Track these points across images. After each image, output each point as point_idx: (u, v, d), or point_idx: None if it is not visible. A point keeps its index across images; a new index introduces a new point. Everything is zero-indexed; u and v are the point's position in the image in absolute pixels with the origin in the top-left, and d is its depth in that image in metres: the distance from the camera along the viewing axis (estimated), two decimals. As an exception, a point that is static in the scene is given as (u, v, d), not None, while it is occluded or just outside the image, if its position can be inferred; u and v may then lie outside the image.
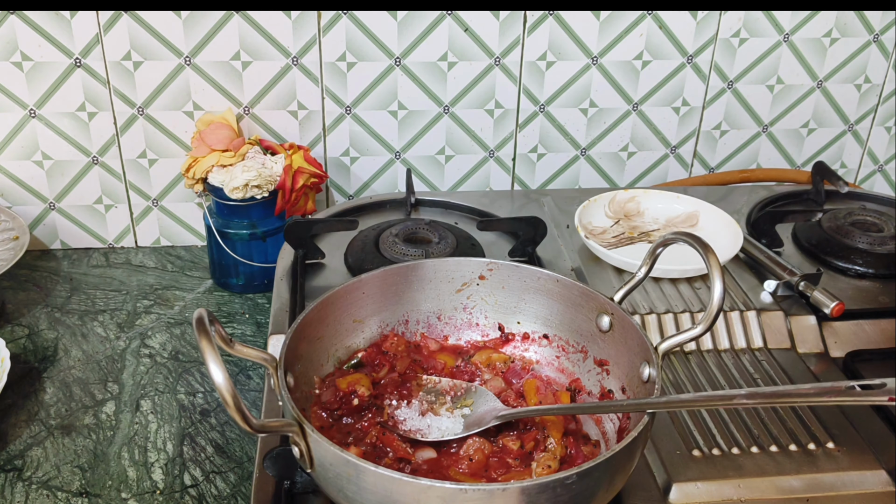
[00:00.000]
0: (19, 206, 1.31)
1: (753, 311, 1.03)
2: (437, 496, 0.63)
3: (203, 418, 1.01)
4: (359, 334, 0.90)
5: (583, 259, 1.15)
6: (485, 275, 0.92)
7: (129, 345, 1.14)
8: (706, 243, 0.75)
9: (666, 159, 1.44)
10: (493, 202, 1.30)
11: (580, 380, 0.88)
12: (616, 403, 0.79)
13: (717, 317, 0.72)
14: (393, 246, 1.11)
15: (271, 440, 0.84)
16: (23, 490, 0.90)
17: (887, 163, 1.52)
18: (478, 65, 1.31)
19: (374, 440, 0.78)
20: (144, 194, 1.33)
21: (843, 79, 1.41)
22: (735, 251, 1.11)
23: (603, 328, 0.85)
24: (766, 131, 1.44)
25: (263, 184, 1.19)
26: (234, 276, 1.26)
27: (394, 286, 0.91)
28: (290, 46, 1.26)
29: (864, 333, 1.04)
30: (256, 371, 1.10)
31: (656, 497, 0.80)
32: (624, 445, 0.66)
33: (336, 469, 0.67)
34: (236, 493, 0.91)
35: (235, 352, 0.71)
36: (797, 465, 0.83)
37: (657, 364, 0.75)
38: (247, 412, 0.62)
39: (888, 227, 1.21)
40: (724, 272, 0.73)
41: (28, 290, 1.25)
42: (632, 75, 1.35)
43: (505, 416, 0.79)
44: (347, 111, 1.32)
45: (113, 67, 1.23)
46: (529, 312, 0.92)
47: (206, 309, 0.65)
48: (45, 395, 1.04)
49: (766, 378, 0.96)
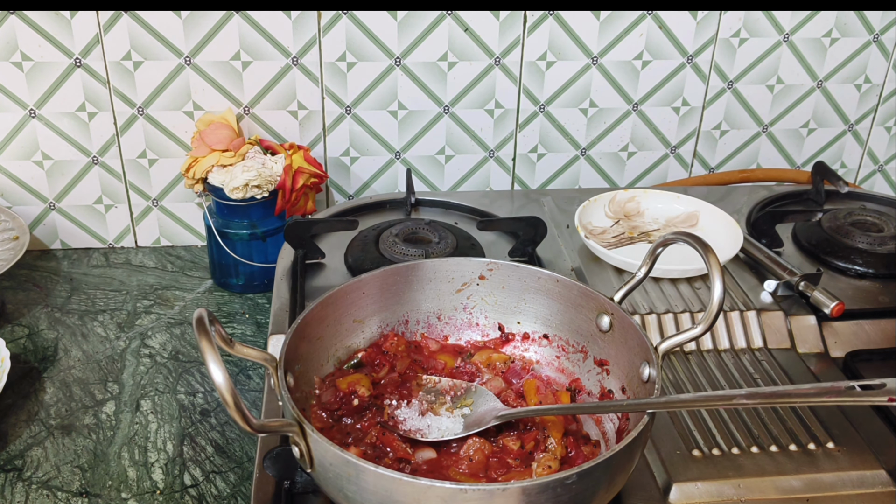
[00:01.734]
0: (19, 206, 1.31)
1: (753, 311, 1.03)
2: (437, 496, 0.63)
3: (203, 418, 1.01)
4: (359, 334, 0.90)
5: (583, 259, 1.15)
6: (485, 275, 0.92)
7: (129, 345, 1.14)
8: (706, 243, 0.75)
9: (666, 159, 1.44)
10: (493, 202, 1.30)
11: (580, 380, 0.88)
12: (616, 403, 0.79)
13: (717, 317, 0.72)
14: (393, 246, 1.11)
15: (271, 440, 0.84)
16: (23, 490, 0.90)
17: (887, 163, 1.52)
18: (478, 65, 1.31)
19: (374, 440, 0.78)
20: (144, 194, 1.33)
21: (843, 79, 1.41)
22: (735, 251, 1.11)
23: (603, 328, 0.85)
24: (766, 131, 1.44)
25: (263, 184, 1.19)
26: (234, 276, 1.26)
27: (394, 286, 0.91)
28: (291, 46, 1.26)
29: (864, 333, 1.04)
30: (256, 371, 1.10)
31: (656, 497, 0.80)
32: (624, 445, 0.66)
33: (336, 469, 0.67)
34: (236, 493, 0.91)
35: (235, 352, 0.71)
36: (797, 465, 0.83)
37: (657, 364, 0.75)
38: (247, 412, 0.62)
39: (888, 227, 1.21)
40: (724, 272, 0.73)
41: (28, 290, 1.25)
42: (632, 75, 1.35)
43: (505, 416, 0.79)
44: (347, 111, 1.32)
45: (113, 67, 1.23)
46: (529, 312, 0.92)
47: (206, 309, 0.65)
48: (45, 395, 1.04)
49: (766, 378, 0.96)
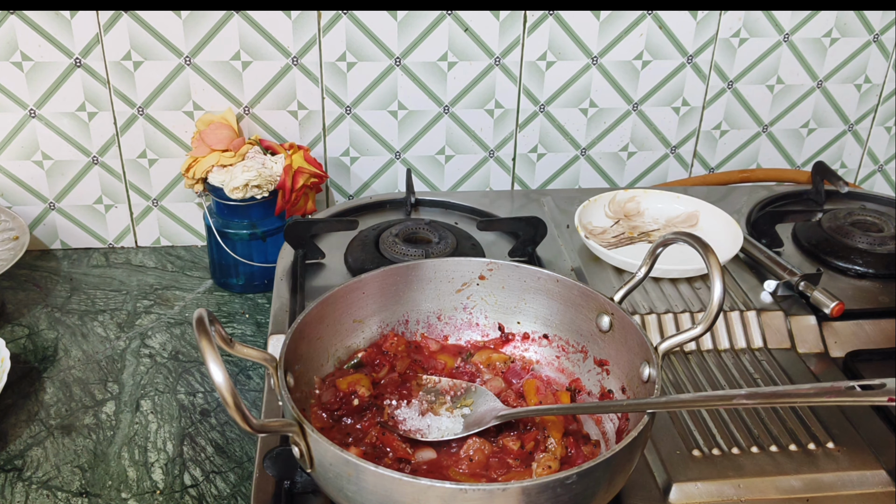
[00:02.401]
0: (19, 206, 1.31)
1: (753, 311, 1.03)
2: (436, 496, 0.63)
3: (203, 418, 1.01)
4: (359, 334, 0.90)
5: (583, 259, 1.15)
6: (485, 275, 0.92)
7: (129, 345, 1.14)
8: (706, 243, 0.75)
9: (666, 159, 1.44)
10: (493, 202, 1.30)
11: (580, 380, 0.88)
12: (616, 403, 0.79)
13: (717, 317, 0.72)
14: (393, 246, 1.11)
15: (271, 440, 0.84)
16: (23, 490, 0.90)
17: (887, 163, 1.52)
18: (478, 65, 1.31)
19: (374, 440, 0.78)
20: (144, 194, 1.33)
21: (843, 79, 1.41)
22: (735, 251, 1.11)
23: (603, 328, 0.85)
24: (766, 131, 1.44)
25: (263, 184, 1.19)
26: (234, 276, 1.26)
27: (394, 286, 0.91)
28: (290, 46, 1.26)
29: (864, 333, 1.04)
30: (256, 371, 1.10)
31: (656, 497, 0.80)
32: (624, 445, 0.66)
33: (336, 469, 0.67)
34: (236, 493, 0.91)
35: (235, 352, 0.71)
36: (797, 465, 0.83)
37: (657, 364, 0.75)
38: (247, 412, 0.62)
39: (888, 227, 1.21)
40: (724, 272, 0.73)
41: (28, 290, 1.25)
42: (632, 75, 1.35)
43: (505, 416, 0.79)
44: (347, 111, 1.32)
45: (113, 67, 1.23)
46: (529, 312, 0.92)
47: (206, 309, 0.65)
48: (45, 395, 1.04)
49: (766, 378, 0.96)
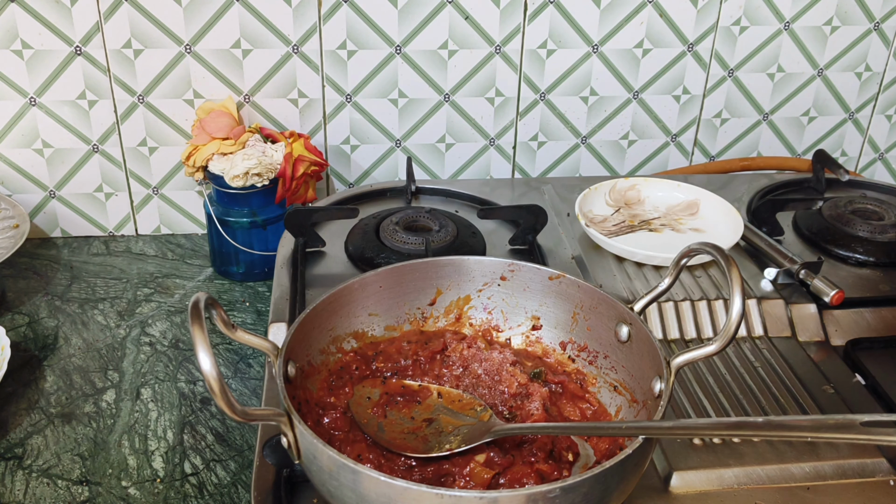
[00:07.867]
0: (19, 195, 1.31)
1: (754, 300, 1.03)
2: (411, 499, 0.62)
3: (203, 406, 1.01)
4: (368, 330, 0.88)
5: (583, 247, 1.15)
6: (506, 275, 0.90)
7: (129, 333, 1.14)
8: (729, 256, 0.72)
9: (666, 147, 1.44)
10: (493, 190, 1.30)
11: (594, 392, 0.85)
12: (613, 425, 0.74)
13: (734, 335, 0.69)
14: (393, 234, 1.11)
15: (272, 429, 0.83)
16: (23, 478, 0.90)
17: (888, 151, 1.51)
18: (478, 53, 1.30)
19: (366, 448, 0.75)
20: (145, 182, 1.33)
21: (843, 67, 1.41)
22: (736, 239, 1.11)
23: (622, 338, 0.82)
24: (767, 119, 1.44)
25: (264, 172, 1.19)
26: (235, 265, 1.26)
27: (410, 283, 0.88)
28: (291, 34, 1.25)
29: (864, 322, 1.04)
30: (257, 360, 1.10)
31: (657, 485, 0.80)
32: (615, 463, 0.64)
33: (319, 463, 0.66)
34: (236, 481, 0.91)
35: (237, 337, 0.70)
36: (798, 453, 0.83)
37: (667, 379, 0.73)
38: (232, 399, 0.60)
39: (889, 215, 1.21)
40: (744, 287, 0.69)
41: (28, 279, 1.25)
42: (632, 63, 1.35)
43: (500, 433, 0.75)
44: (348, 99, 1.31)
45: (113, 55, 1.23)
46: (550, 316, 0.89)
47: (207, 293, 0.64)
48: (45, 383, 1.04)
49: (766, 366, 0.96)
